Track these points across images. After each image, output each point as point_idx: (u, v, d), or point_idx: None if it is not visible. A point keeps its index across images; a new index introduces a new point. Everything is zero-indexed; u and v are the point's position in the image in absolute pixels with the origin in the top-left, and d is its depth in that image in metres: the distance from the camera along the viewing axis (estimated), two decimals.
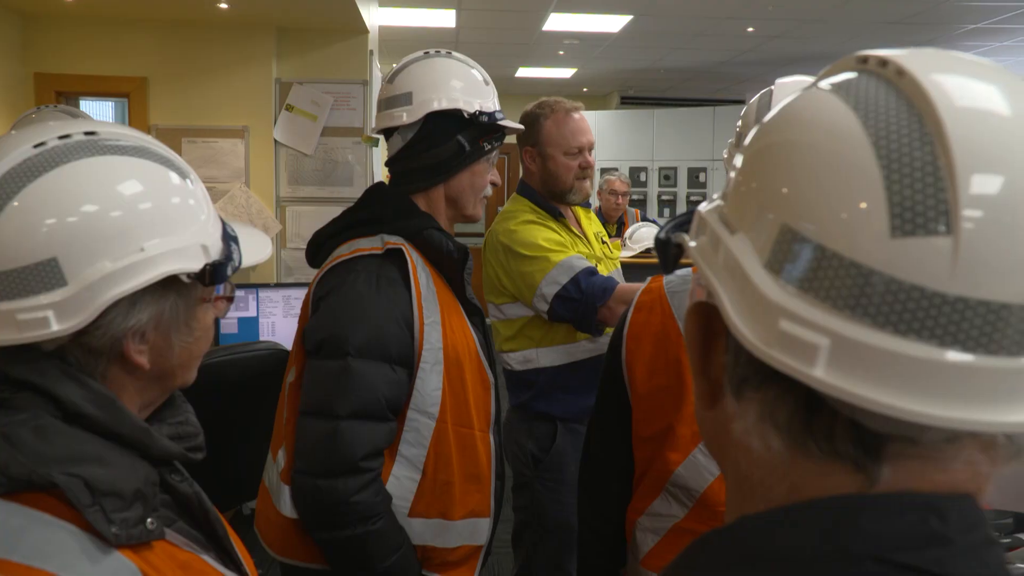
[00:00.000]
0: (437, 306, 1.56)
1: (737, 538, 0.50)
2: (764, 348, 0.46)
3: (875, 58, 0.50)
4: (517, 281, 2.17)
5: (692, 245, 0.55)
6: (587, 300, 2.07)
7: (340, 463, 1.42)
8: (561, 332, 2.20)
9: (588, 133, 2.29)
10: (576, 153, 2.25)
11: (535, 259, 2.14)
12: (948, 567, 0.45)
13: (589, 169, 2.29)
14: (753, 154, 0.53)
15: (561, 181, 2.27)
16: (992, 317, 0.43)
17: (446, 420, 1.54)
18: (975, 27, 6.80)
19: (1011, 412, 0.43)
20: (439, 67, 1.65)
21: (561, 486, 2.20)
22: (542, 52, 7.96)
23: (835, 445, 0.47)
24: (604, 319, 2.08)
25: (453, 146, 1.60)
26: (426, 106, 1.59)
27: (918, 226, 0.43)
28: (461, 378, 1.57)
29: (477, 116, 1.60)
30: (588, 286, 2.09)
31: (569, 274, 2.10)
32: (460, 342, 1.58)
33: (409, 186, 1.63)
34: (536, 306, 2.14)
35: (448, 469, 1.54)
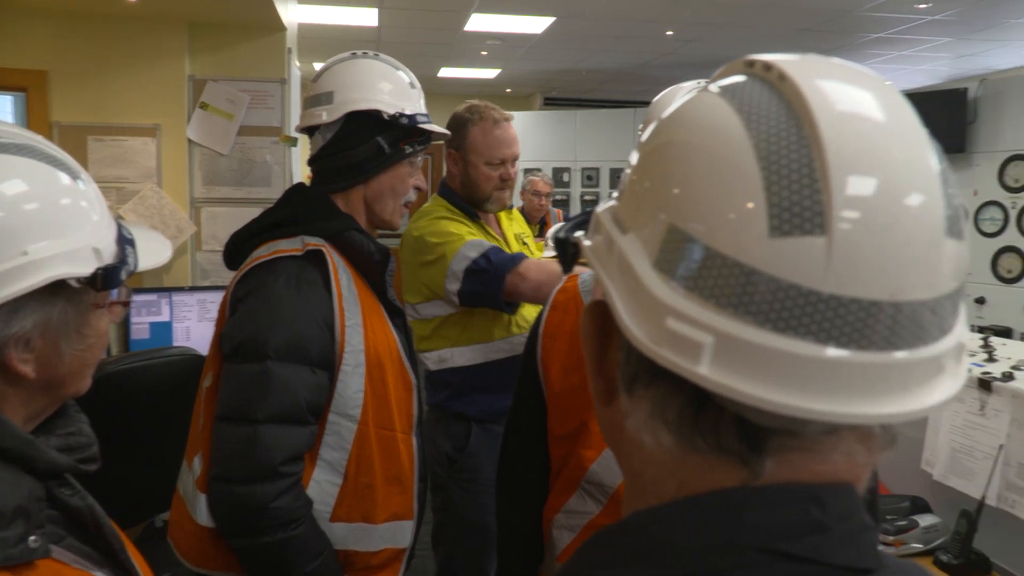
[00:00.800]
0: (359, 308, 1.54)
1: (628, 534, 0.50)
2: (652, 346, 0.47)
3: (761, 63, 0.51)
4: (430, 269, 2.16)
5: (587, 244, 0.56)
6: (496, 269, 2.07)
7: (259, 468, 1.38)
8: (477, 331, 2.21)
9: (514, 145, 2.29)
10: (498, 164, 2.26)
11: (445, 243, 2.15)
12: (826, 553, 0.46)
13: (510, 180, 2.29)
14: (645, 154, 0.54)
15: (480, 190, 2.27)
16: (863, 314, 0.44)
17: (368, 422, 1.52)
18: (877, 36, 7.11)
19: (884, 404, 0.45)
20: (363, 68, 1.64)
21: (477, 486, 2.20)
22: (465, 52, 7.95)
23: (721, 440, 0.48)
24: (515, 287, 2.06)
25: (372, 147, 1.59)
26: (345, 106, 1.58)
27: (795, 226, 0.45)
28: (383, 380, 1.55)
29: (397, 118, 1.59)
30: (497, 258, 2.10)
31: (479, 250, 2.11)
32: (382, 344, 1.57)
33: (327, 186, 1.62)
34: (448, 289, 2.12)
35: (370, 472, 1.52)
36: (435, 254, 2.15)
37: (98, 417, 0.97)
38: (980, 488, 1.86)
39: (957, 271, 0.48)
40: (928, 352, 0.47)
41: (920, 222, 0.46)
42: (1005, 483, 1.85)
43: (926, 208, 0.46)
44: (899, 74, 9.09)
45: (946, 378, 0.48)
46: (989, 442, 1.90)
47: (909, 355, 0.46)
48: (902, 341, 0.45)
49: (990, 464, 1.86)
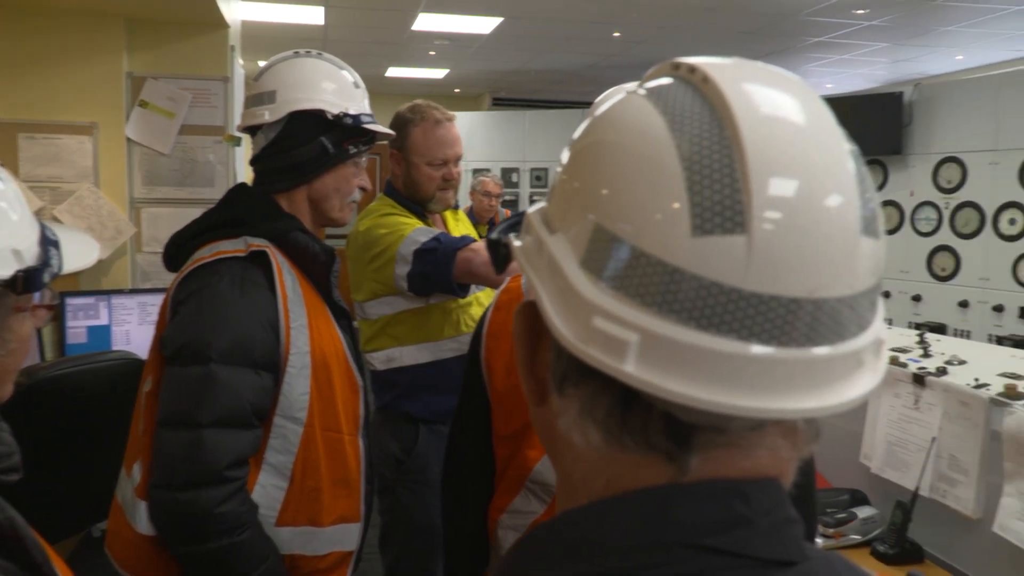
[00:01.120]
0: (304, 309, 1.52)
1: (559, 532, 0.51)
2: (579, 345, 0.48)
3: (686, 65, 0.52)
4: (379, 260, 2.14)
5: (517, 245, 0.56)
6: (446, 248, 2.06)
7: (203, 473, 1.36)
8: (425, 329, 2.20)
9: (456, 145, 2.28)
10: (440, 164, 2.25)
11: (393, 231, 2.14)
12: (749, 547, 0.47)
13: (453, 181, 2.28)
14: (574, 154, 0.54)
15: (422, 190, 2.27)
16: (783, 311, 0.45)
17: (314, 425, 1.50)
18: (818, 40, 7.29)
19: (807, 399, 0.46)
20: (307, 67, 1.62)
21: (425, 488, 2.19)
22: (413, 52, 7.91)
23: (648, 438, 0.49)
24: (468, 262, 2.04)
25: (315, 147, 1.58)
26: (288, 105, 1.56)
27: (716, 226, 0.45)
28: (329, 381, 1.54)
29: (341, 118, 1.58)
30: (447, 239, 2.10)
31: (428, 234, 2.11)
32: (328, 345, 1.55)
33: (270, 186, 1.60)
34: (397, 274, 2.11)
35: (316, 475, 1.51)
36: (383, 244, 2.14)
37: (30, 425, 0.94)
38: (914, 480, 1.92)
39: (874, 269, 0.49)
40: (848, 347, 0.48)
41: (837, 222, 0.47)
42: (937, 474, 1.91)
43: (843, 208, 0.47)
44: (839, 77, 9.33)
45: (866, 372, 0.49)
46: (923, 435, 1.96)
47: (830, 351, 0.47)
48: (822, 337, 0.46)
49: (923, 456, 1.92)
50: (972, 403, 1.85)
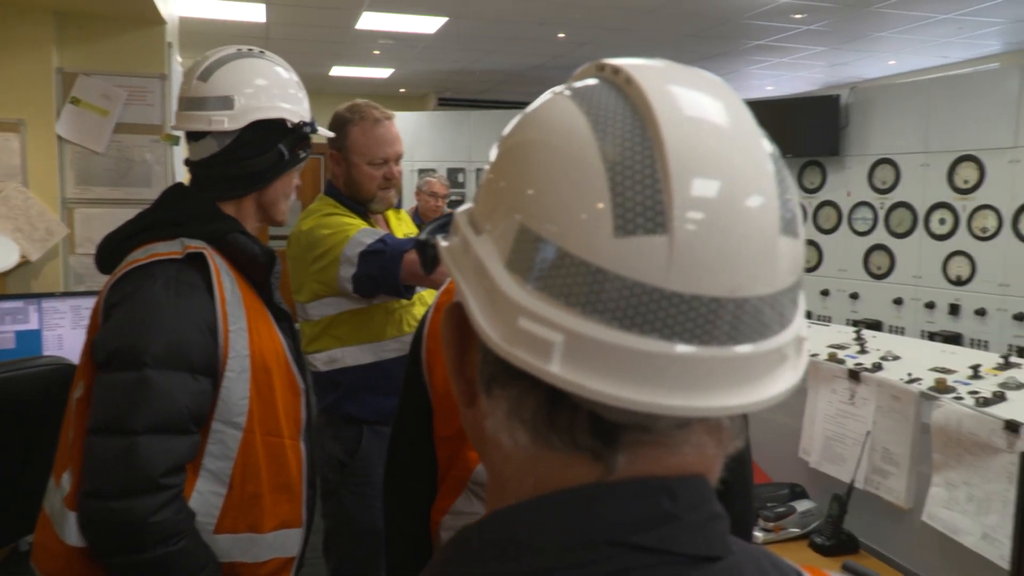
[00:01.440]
0: (243, 312, 1.49)
1: (487, 532, 0.51)
2: (504, 346, 0.48)
3: (611, 66, 0.53)
4: (322, 261, 2.12)
5: (444, 246, 0.56)
6: (393, 251, 2.05)
7: (137, 482, 1.32)
8: (368, 330, 2.18)
9: (396, 144, 2.27)
10: (381, 164, 2.24)
11: (337, 232, 2.11)
12: (675, 543, 0.48)
13: (394, 180, 2.27)
14: (500, 154, 0.55)
15: (364, 190, 2.25)
16: (704, 310, 0.46)
17: (254, 430, 1.48)
18: (758, 44, 7.44)
19: (730, 397, 0.47)
20: (259, 71, 1.59)
21: (368, 490, 2.17)
22: (357, 51, 7.83)
23: (575, 437, 0.49)
24: (415, 264, 2.03)
25: (274, 155, 1.57)
26: (251, 114, 1.54)
27: (638, 226, 0.46)
28: (270, 385, 1.51)
29: (301, 127, 1.59)
30: (393, 241, 2.08)
31: (373, 236, 2.09)
32: (268, 348, 1.53)
33: (221, 193, 1.57)
34: (342, 276, 2.09)
35: (257, 480, 1.48)
36: (327, 245, 2.11)
37: None
38: (850, 473, 1.97)
39: (794, 267, 0.50)
40: (770, 345, 0.48)
41: (757, 222, 0.48)
42: (871, 467, 1.97)
43: (763, 209, 0.48)
44: (779, 80, 9.55)
45: (787, 369, 0.50)
46: (858, 429, 2.02)
47: (753, 349, 0.47)
48: (744, 336, 0.47)
49: (859, 450, 1.97)
50: (903, 397, 1.90)
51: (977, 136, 4.76)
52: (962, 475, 1.70)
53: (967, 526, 1.67)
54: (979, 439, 1.65)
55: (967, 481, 1.68)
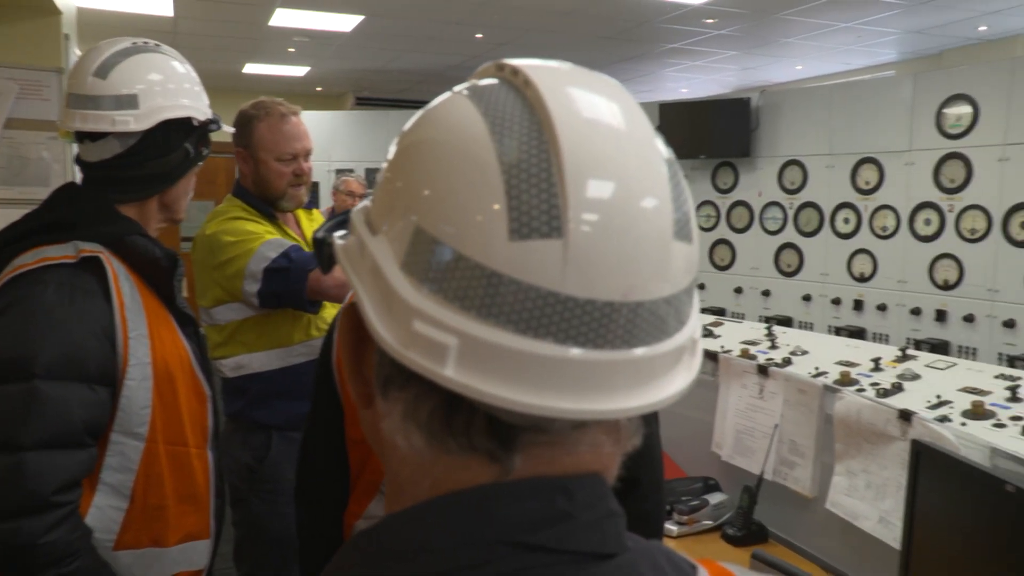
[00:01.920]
0: (144, 318, 1.43)
1: (382, 536, 0.50)
2: (399, 349, 0.47)
3: (510, 67, 0.52)
4: (225, 270, 2.07)
5: (339, 245, 0.55)
6: (298, 266, 2.01)
7: (25, 501, 1.25)
8: (275, 335, 2.14)
9: (304, 139, 2.22)
10: (289, 159, 2.19)
11: (241, 242, 2.07)
12: (570, 541, 0.48)
13: (304, 176, 2.22)
14: (397, 153, 0.54)
15: (272, 187, 2.20)
16: (598, 314, 0.46)
17: (157, 440, 1.42)
18: (673, 47, 7.61)
19: (625, 399, 0.48)
20: (158, 66, 1.53)
21: (279, 497, 2.12)
22: (271, 48, 7.66)
23: (472, 439, 0.49)
24: (319, 283, 2.01)
25: (180, 155, 1.53)
26: (158, 114, 1.48)
27: (533, 229, 0.46)
28: (174, 393, 1.46)
29: (207, 125, 1.55)
30: (299, 256, 2.05)
31: (279, 249, 2.05)
32: (171, 355, 1.47)
33: (123, 194, 1.50)
34: (246, 290, 2.05)
35: (160, 492, 1.43)
36: (230, 254, 2.06)
37: None
38: (760, 465, 2.03)
39: (688, 270, 0.51)
40: (665, 347, 0.49)
41: (651, 226, 0.48)
42: (779, 459, 2.03)
43: (657, 212, 0.49)
44: (694, 83, 9.79)
45: (682, 370, 0.51)
46: (767, 422, 2.08)
47: (647, 351, 0.48)
48: (638, 339, 0.48)
49: (768, 442, 2.03)
50: (808, 390, 1.97)
51: (876, 139, 4.99)
52: (861, 463, 1.77)
53: (865, 511, 1.74)
54: (876, 428, 1.73)
55: (866, 469, 1.76)
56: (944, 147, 4.61)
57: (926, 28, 6.81)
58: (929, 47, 7.59)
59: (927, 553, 1.36)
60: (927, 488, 1.36)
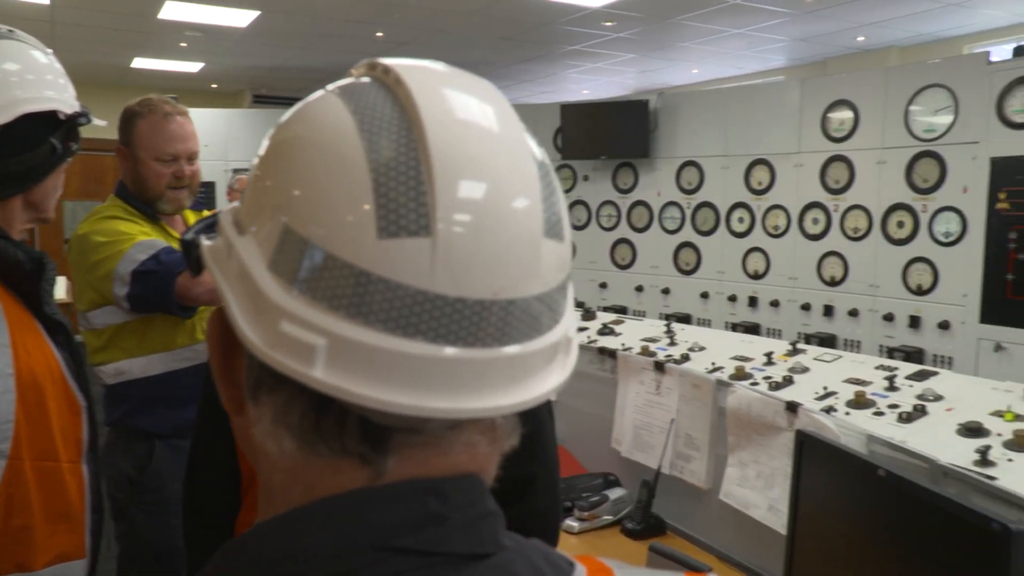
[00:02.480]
0: (5, 326, 1.34)
1: (253, 545, 0.49)
2: (267, 350, 0.47)
3: (382, 66, 0.52)
4: (96, 271, 1.99)
5: (207, 246, 0.54)
6: (166, 270, 1.94)
7: None
8: (156, 339, 2.06)
9: (187, 141, 2.14)
10: (169, 160, 2.11)
11: (112, 243, 1.99)
12: (444, 543, 0.47)
13: (185, 179, 2.13)
14: (267, 150, 0.53)
15: (150, 188, 2.12)
16: (469, 312, 0.46)
17: (21, 456, 1.33)
18: (573, 49, 7.71)
19: (498, 397, 0.48)
20: (16, 55, 1.43)
21: (162, 508, 2.05)
22: (162, 42, 7.35)
23: (344, 442, 0.48)
24: (187, 288, 1.94)
25: (46, 150, 1.43)
26: (19, 106, 1.38)
27: (401, 228, 0.46)
28: (42, 405, 1.37)
29: (75, 118, 1.46)
30: (168, 258, 1.97)
31: (149, 251, 1.97)
32: (39, 364, 1.38)
33: None
34: (116, 294, 1.97)
35: (26, 512, 1.33)
36: (100, 255, 1.99)
37: None
38: (657, 459, 2.07)
39: (559, 268, 0.51)
40: (538, 345, 0.49)
41: (521, 225, 0.48)
42: (676, 453, 2.07)
43: (527, 212, 0.49)
44: (594, 84, 9.95)
45: (556, 368, 0.52)
46: (664, 417, 2.12)
47: (520, 349, 0.48)
48: (511, 337, 0.48)
49: (664, 437, 2.07)
50: (702, 385, 2.02)
51: (768, 142, 5.19)
52: (752, 454, 1.82)
53: (756, 500, 1.80)
54: (766, 420, 1.78)
55: (756, 460, 1.81)
56: (829, 150, 4.84)
57: (810, 37, 7.13)
58: (814, 55, 7.95)
59: (810, 537, 1.41)
60: (809, 476, 1.41)
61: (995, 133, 3.98)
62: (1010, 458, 1.47)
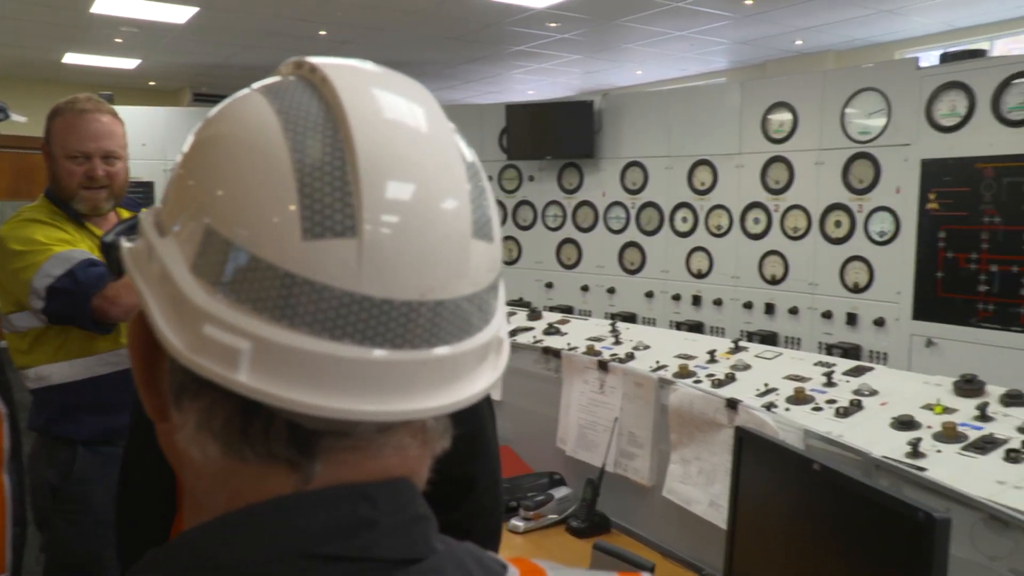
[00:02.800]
0: None
1: (176, 553, 0.48)
2: (189, 355, 0.46)
3: (308, 64, 0.51)
4: (14, 279, 1.93)
5: (127, 247, 0.53)
6: (81, 290, 1.88)
7: None
8: (78, 344, 1.99)
9: (102, 140, 2.05)
10: (81, 159, 2.03)
11: (28, 253, 1.92)
12: (373, 549, 0.47)
13: (99, 180, 2.04)
14: (191, 148, 0.52)
15: (62, 187, 2.05)
16: (396, 314, 0.46)
17: None
18: (519, 49, 7.73)
19: (429, 399, 0.47)
20: None
21: (87, 517, 1.98)
22: (95, 37, 7.13)
23: (271, 448, 0.47)
24: (103, 310, 1.88)
25: None
26: None
27: (327, 229, 0.45)
28: None
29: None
30: (85, 276, 1.90)
31: (65, 265, 1.90)
32: None
33: None
34: (33, 306, 1.91)
35: None
36: (16, 264, 1.93)
37: None
38: (602, 457, 2.08)
39: (489, 268, 0.51)
40: (468, 345, 0.49)
41: (448, 226, 0.48)
42: (620, 451, 2.09)
43: (454, 213, 0.49)
44: (540, 85, 9.99)
45: (487, 368, 0.51)
46: (607, 416, 2.13)
47: (450, 350, 0.48)
48: (441, 338, 0.48)
49: (608, 436, 2.09)
50: (645, 384, 2.04)
51: (710, 142, 5.26)
52: (694, 451, 1.85)
53: (698, 496, 1.82)
54: (707, 417, 1.80)
55: (698, 456, 1.83)
56: (769, 151, 4.93)
57: (751, 40, 7.28)
58: (754, 57, 8.12)
59: (749, 531, 1.43)
60: (749, 471, 1.43)
61: (925, 136, 4.10)
62: (939, 449, 1.51)
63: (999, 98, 3.79)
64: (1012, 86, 3.75)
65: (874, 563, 1.15)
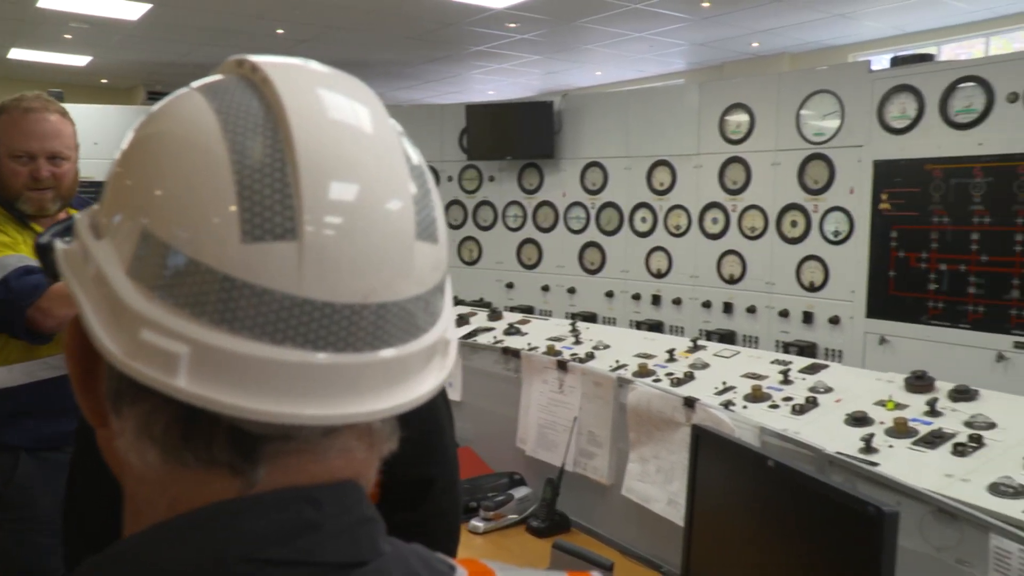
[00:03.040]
0: None
1: (115, 561, 0.47)
2: (126, 360, 0.45)
3: (249, 64, 0.50)
4: None
5: (62, 249, 0.51)
6: (16, 300, 1.82)
7: None
8: (16, 348, 1.94)
9: (47, 139, 1.99)
10: (25, 159, 1.97)
11: None
12: (317, 553, 0.46)
13: (45, 180, 1.99)
14: (128, 148, 0.51)
15: (7, 187, 1.99)
16: (339, 317, 0.45)
17: None
18: (479, 49, 7.72)
19: (374, 401, 0.47)
20: None
21: (29, 526, 1.93)
22: (43, 33, 6.96)
23: (212, 453, 0.47)
24: (37, 322, 1.83)
25: None
26: None
27: (266, 231, 0.45)
28: None
29: None
30: (19, 285, 1.84)
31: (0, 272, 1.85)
32: None
33: None
34: None
35: None
36: None
37: None
38: (561, 457, 2.08)
39: (434, 269, 0.50)
40: (413, 348, 0.49)
41: (391, 228, 0.48)
42: (579, 450, 2.09)
43: (398, 215, 0.48)
44: (500, 85, 9.99)
45: (434, 370, 0.51)
46: (567, 415, 2.14)
47: (395, 352, 0.48)
48: (384, 341, 0.47)
49: (568, 435, 2.09)
50: (604, 383, 2.04)
51: (668, 143, 5.31)
52: (652, 450, 1.86)
53: (656, 494, 1.83)
54: (665, 416, 1.82)
55: (656, 455, 1.85)
56: (727, 151, 4.99)
57: (708, 42, 7.36)
58: (712, 59, 8.22)
59: (706, 528, 1.44)
60: (705, 468, 1.44)
61: (876, 137, 4.19)
62: (891, 444, 1.54)
63: (946, 101, 3.89)
64: (958, 90, 3.85)
65: (828, 556, 1.17)
